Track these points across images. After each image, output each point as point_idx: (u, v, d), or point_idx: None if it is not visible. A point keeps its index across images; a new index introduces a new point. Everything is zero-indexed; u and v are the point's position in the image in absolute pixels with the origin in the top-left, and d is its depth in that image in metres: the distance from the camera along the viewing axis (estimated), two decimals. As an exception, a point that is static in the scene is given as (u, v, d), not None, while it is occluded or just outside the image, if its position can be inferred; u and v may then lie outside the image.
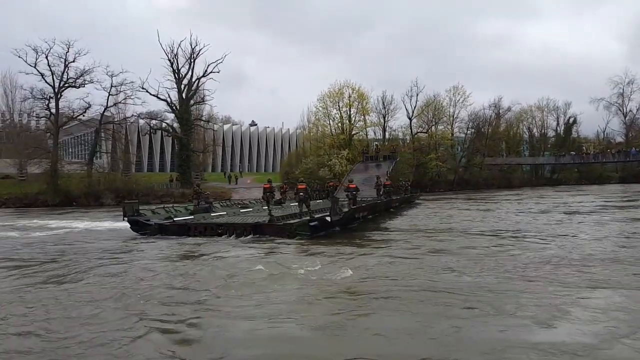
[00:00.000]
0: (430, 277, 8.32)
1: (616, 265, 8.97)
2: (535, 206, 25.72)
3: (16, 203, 38.50)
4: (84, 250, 13.01)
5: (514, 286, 7.45)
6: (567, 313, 5.99)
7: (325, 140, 51.22)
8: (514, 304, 6.41)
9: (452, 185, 55.62)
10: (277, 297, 7.11)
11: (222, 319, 6.17)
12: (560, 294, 6.95)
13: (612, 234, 13.68)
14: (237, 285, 8.04)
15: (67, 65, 42.08)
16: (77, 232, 18.30)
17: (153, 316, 6.29)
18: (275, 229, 14.72)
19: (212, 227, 15.24)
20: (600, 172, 65.91)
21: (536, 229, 15.08)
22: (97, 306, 6.78)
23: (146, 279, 8.72)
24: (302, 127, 71.19)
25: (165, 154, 76.47)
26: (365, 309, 6.43)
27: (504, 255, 10.40)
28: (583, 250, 10.68)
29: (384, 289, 7.53)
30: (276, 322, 5.90)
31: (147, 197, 41.21)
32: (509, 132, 67.68)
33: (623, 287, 7.33)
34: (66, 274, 9.45)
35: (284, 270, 9.21)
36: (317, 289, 7.67)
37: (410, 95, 56.55)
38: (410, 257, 10.42)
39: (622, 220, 17.48)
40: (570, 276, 8.15)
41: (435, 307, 6.43)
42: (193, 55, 46.21)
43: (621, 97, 66.99)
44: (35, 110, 46.01)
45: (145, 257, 11.64)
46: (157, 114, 48.87)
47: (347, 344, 5.18)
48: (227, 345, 5.19)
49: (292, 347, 5.14)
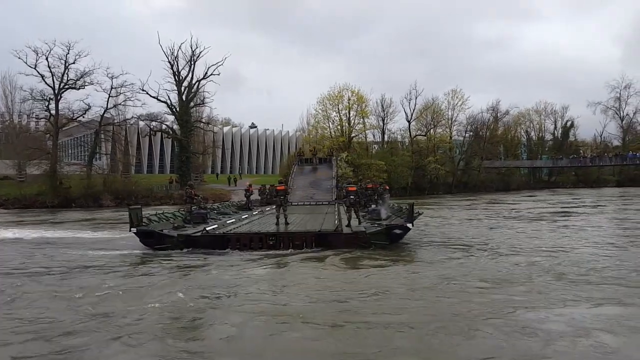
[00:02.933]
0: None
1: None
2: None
3: (15, 204, 38.49)
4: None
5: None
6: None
7: (324, 142, 51.41)
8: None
9: (451, 187, 55.88)
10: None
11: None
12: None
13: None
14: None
15: (67, 66, 42.20)
16: (83, 245, 14.38)
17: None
18: (345, 238, 12.51)
19: (260, 237, 12.51)
20: (597, 176, 66.32)
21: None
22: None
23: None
24: (302, 129, 71.59)
25: (165, 155, 76.58)
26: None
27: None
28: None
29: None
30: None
31: (147, 199, 41.30)
32: (507, 136, 68.05)
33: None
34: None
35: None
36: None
37: (409, 98, 57.04)
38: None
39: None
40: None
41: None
42: (193, 57, 46.39)
43: (618, 101, 67.62)
44: (35, 111, 46.04)
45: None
46: (157, 115, 48.96)
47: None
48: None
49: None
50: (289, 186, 29.28)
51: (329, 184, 30.78)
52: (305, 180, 31.86)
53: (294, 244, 12.24)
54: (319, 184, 30.87)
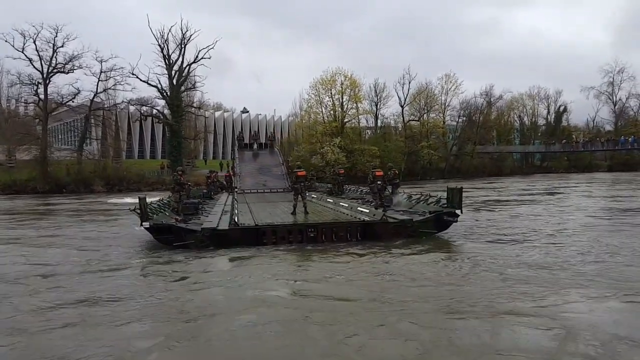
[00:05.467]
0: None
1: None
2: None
3: (5, 190, 38.14)
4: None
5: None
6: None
7: (317, 127, 51.14)
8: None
9: (443, 173, 55.99)
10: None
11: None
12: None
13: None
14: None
15: (55, 50, 41.56)
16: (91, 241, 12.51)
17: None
18: (393, 228, 11.34)
19: (300, 229, 11.13)
20: (589, 161, 66.66)
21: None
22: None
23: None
24: (294, 114, 71.07)
25: (156, 141, 75.96)
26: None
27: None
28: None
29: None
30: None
31: (138, 185, 41.11)
32: (500, 121, 68.08)
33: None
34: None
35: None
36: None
37: (403, 83, 56.66)
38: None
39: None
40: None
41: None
42: (184, 40, 45.76)
43: (611, 85, 67.53)
44: (24, 95, 45.48)
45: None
46: (148, 100, 48.41)
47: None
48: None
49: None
50: (236, 172, 28.42)
51: (279, 170, 29.71)
52: (252, 166, 30.46)
53: (337, 236, 11.02)
54: (268, 170, 29.56)
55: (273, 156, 32.71)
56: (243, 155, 32.50)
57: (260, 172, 29.21)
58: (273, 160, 31.66)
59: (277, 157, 32.23)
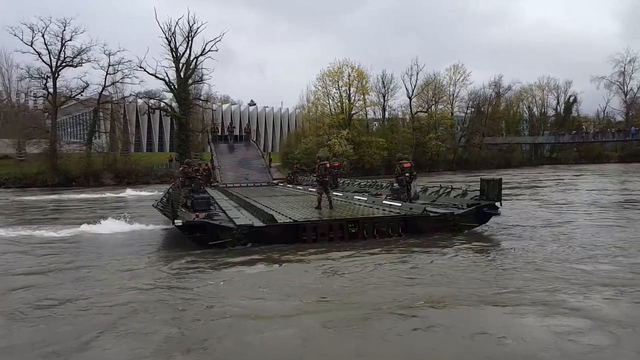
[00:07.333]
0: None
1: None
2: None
3: (16, 183, 38.60)
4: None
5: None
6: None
7: (324, 120, 51.04)
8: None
9: (451, 164, 55.72)
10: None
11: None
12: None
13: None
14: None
15: (63, 43, 41.74)
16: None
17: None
18: (433, 222, 10.99)
19: (341, 225, 10.44)
20: (599, 152, 65.96)
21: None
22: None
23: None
24: (301, 106, 70.78)
25: (164, 133, 76.14)
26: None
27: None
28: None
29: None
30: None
31: (147, 177, 41.38)
32: (508, 111, 67.45)
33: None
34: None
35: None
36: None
37: (410, 74, 56.29)
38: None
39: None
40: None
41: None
42: (191, 33, 45.65)
43: (622, 75, 66.59)
44: (33, 89, 45.75)
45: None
46: (156, 93, 48.68)
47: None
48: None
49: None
50: (216, 166, 27.45)
51: (259, 163, 29.37)
52: (232, 159, 29.73)
53: (379, 231, 10.51)
54: (248, 163, 29.07)
55: (250, 149, 31.96)
56: (218, 147, 31.57)
57: (241, 165, 28.63)
58: (252, 152, 31.04)
59: (255, 150, 31.58)
